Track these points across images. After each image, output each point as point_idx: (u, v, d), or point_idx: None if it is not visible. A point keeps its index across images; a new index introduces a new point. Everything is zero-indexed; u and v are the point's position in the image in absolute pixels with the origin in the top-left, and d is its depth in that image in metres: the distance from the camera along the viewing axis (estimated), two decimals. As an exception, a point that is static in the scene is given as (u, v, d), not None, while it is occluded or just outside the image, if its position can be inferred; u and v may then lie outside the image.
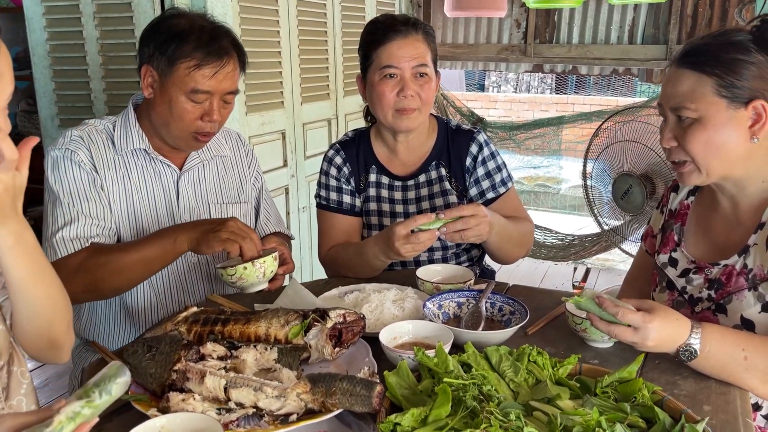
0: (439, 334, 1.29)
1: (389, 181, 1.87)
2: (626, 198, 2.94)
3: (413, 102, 1.72)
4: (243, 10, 2.75)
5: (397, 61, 1.70)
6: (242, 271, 1.47)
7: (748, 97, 1.26)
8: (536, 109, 8.75)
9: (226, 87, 1.62)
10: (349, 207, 1.89)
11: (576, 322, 1.34)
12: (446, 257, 1.88)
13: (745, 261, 1.33)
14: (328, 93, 3.52)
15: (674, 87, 1.31)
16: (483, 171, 1.84)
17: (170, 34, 1.58)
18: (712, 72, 1.26)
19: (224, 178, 1.83)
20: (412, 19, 1.76)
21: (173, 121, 1.61)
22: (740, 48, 1.26)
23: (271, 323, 1.27)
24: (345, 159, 1.88)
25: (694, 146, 1.29)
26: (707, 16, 4.55)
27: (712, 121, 1.27)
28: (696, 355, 1.19)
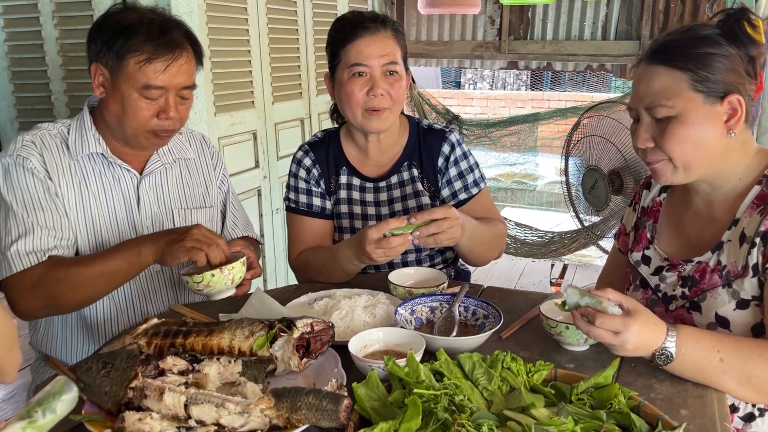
0: (410, 341, 1.25)
1: (360, 183, 1.82)
2: (593, 192, 2.92)
3: (383, 101, 1.67)
4: (210, 7, 2.68)
5: (365, 59, 1.65)
6: (209, 278, 1.41)
7: (723, 92, 1.23)
8: (512, 106, 8.75)
9: (181, 81, 1.55)
10: (319, 210, 1.83)
11: (551, 326, 1.31)
12: (420, 259, 1.84)
13: (719, 258, 1.31)
14: (300, 92, 3.46)
15: (647, 85, 1.28)
16: (455, 171, 1.80)
17: (117, 28, 1.51)
18: (686, 67, 1.24)
19: (188, 182, 1.76)
20: (380, 16, 1.71)
21: (127, 120, 1.54)
22: (710, 42, 1.24)
23: (235, 334, 1.22)
24: (314, 160, 1.83)
25: (673, 144, 1.26)
26: (679, 11, 4.57)
27: (690, 117, 1.24)
28: (672, 359, 1.16)
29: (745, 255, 1.26)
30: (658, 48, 1.29)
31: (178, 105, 1.57)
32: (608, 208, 2.86)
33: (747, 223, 1.27)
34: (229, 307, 1.52)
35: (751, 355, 1.15)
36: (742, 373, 1.14)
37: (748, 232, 1.26)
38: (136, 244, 1.45)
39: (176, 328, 1.26)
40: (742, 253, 1.26)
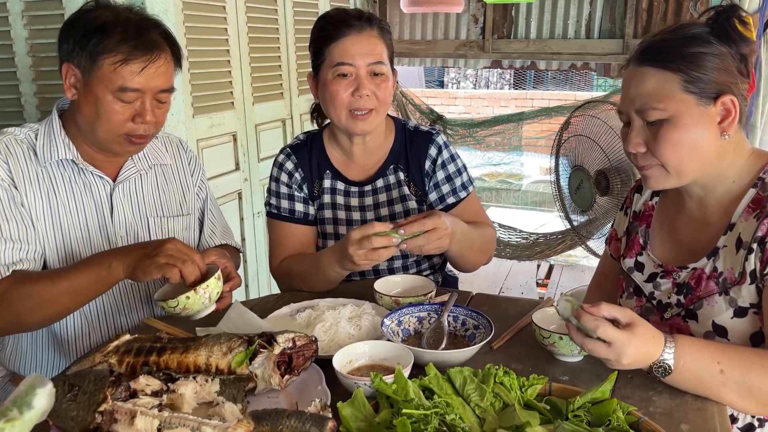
0: (398, 355, 1.19)
1: (345, 187, 1.76)
2: (578, 193, 2.88)
3: (369, 102, 1.62)
4: (186, 5, 2.60)
5: (351, 59, 1.59)
6: (185, 301, 1.31)
7: (715, 92, 1.19)
8: (496, 105, 8.73)
9: (159, 84, 1.48)
10: (302, 216, 1.76)
11: (544, 336, 1.26)
12: (407, 265, 1.78)
13: (715, 264, 1.26)
14: (281, 92, 3.39)
15: (638, 87, 1.23)
16: (443, 175, 1.75)
17: (90, 27, 1.43)
18: (677, 67, 1.19)
19: (164, 189, 1.68)
20: (366, 14, 1.65)
21: (100, 123, 1.46)
22: (701, 41, 1.20)
23: (212, 351, 1.15)
24: (297, 164, 1.76)
25: (666, 149, 1.21)
26: (662, 9, 4.56)
27: (683, 120, 1.19)
28: (670, 372, 1.11)
29: (742, 261, 1.21)
30: (648, 48, 1.24)
31: (155, 109, 1.49)
32: (594, 209, 2.82)
33: (743, 227, 1.23)
34: (207, 319, 1.44)
35: (753, 366, 1.10)
36: (743, 385, 1.09)
37: (744, 238, 1.22)
38: (105, 258, 1.36)
39: (150, 345, 1.19)
40: (739, 260, 1.22)
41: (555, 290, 4.17)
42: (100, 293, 1.39)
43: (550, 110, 4.26)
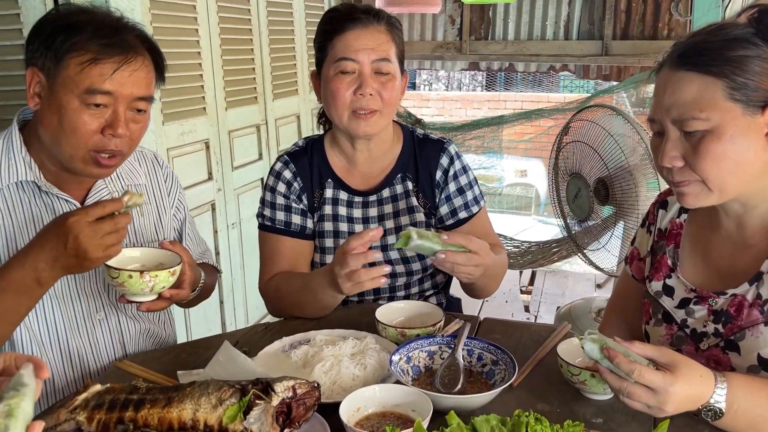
0: (413, 401, 1.05)
1: (348, 197, 1.62)
2: (576, 201, 2.78)
3: (373, 102, 1.48)
4: (154, 4, 2.42)
5: (354, 54, 1.47)
6: (126, 278, 1.20)
7: (763, 100, 1.07)
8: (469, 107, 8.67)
9: (134, 91, 1.28)
10: (298, 229, 1.60)
11: (573, 373, 1.12)
12: (410, 283, 1.64)
13: (759, 290, 1.14)
14: (255, 96, 3.21)
15: (675, 95, 1.10)
16: (455, 187, 1.62)
17: (59, 25, 1.25)
18: (721, 72, 1.06)
19: (138, 213, 1.49)
20: (374, 9, 1.53)
21: (65, 135, 1.26)
22: (746, 43, 1.07)
23: (199, 404, 0.99)
24: (296, 173, 1.61)
25: (709, 163, 1.08)
26: (640, 11, 4.51)
27: (728, 131, 1.07)
28: (721, 415, 0.99)
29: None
30: (687, 51, 1.11)
31: (130, 122, 1.30)
32: (592, 218, 2.72)
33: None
34: (189, 357, 1.28)
35: None
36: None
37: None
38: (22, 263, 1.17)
39: (125, 397, 1.02)
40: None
41: (539, 297, 4.08)
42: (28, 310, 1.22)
43: (530, 113, 4.16)
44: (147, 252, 1.34)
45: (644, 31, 4.49)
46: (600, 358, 1.02)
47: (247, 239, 3.22)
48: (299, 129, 3.72)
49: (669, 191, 1.36)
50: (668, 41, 4.42)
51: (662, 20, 4.46)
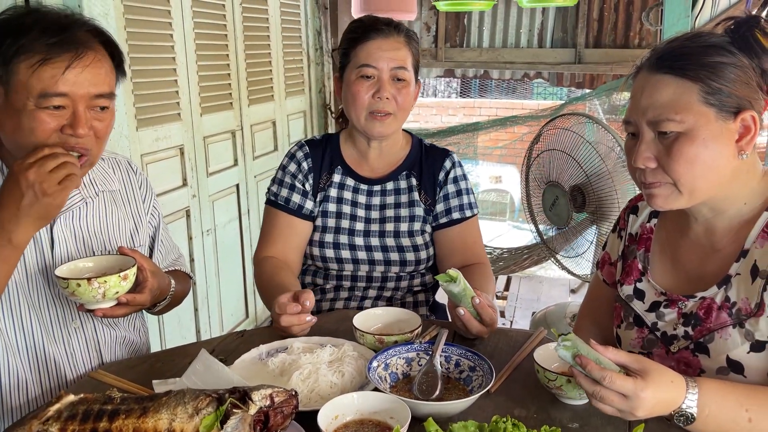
0: (390, 408, 1.05)
1: (354, 184, 1.75)
2: (553, 210, 2.81)
3: (388, 105, 1.63)
4: (128, 9, 2.40)
5: (375, 61, 1.62)
6: (75, 287, 1.19)
7: (735, 107, 1.10)
8: (444, 113, 8.70)
9: (91, 89, 1.23)
10: (296, 207, 1.72)
11: (549, 378, 1.13)
12: (401, 275, 1.75)
13: (727, 293, 1.17)
14: (230, 102, 3.20)
15: (652, 96, 1.12)
16: (453, 188, 1.75)
17: (5, 29, 1.21)
18: (697, 76, 1.09)
19: (112, 219, 1.47)
20: (395, 22, 1.68)
21: (24, 139, 1.21)
22: (722, 50, 1.11)
23: (175, 413, 0.98)
24: (308, 154, 1.76)
25: (681, 165, 1.10)
26: (613, 20, 4.59)
27: (701, 135, 1.09)
28: (693, 420, 1.01)
29: (759, 291, 1.12)
30: (665, 55, 1.14)
31: (93, 121, 1.26)
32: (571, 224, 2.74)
33: (759, 255, 1.14)
34: (164, 366, 1.26)
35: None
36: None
37: (761, 266, 1.13)
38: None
39: (99, 408, 1.01)
40: (756, 289, 1.13)
41: (515, 303, 4.10)
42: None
43: (505, 120, 4.20)
44: (102, 260, 1.34)
45: (616, 39, 4.56)
46: (573, 363, 1.04)
47: (223, 246, 3.19)
48: (275, 135, 3.70)
49: (640, 197, 1.39)
50: (639, 50, 4.51)
51: (633, 29, 4.54)
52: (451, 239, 1.73)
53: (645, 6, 4.32)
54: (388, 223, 1.72)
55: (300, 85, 3.99)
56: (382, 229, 1.72)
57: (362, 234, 1.71)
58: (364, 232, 1.71)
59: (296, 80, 3.92)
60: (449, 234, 1.73)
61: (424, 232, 1.73)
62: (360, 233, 1.71)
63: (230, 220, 3.30)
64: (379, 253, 1.71)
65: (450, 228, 1.73)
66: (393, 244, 1.71)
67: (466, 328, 1.34)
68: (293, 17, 3.85)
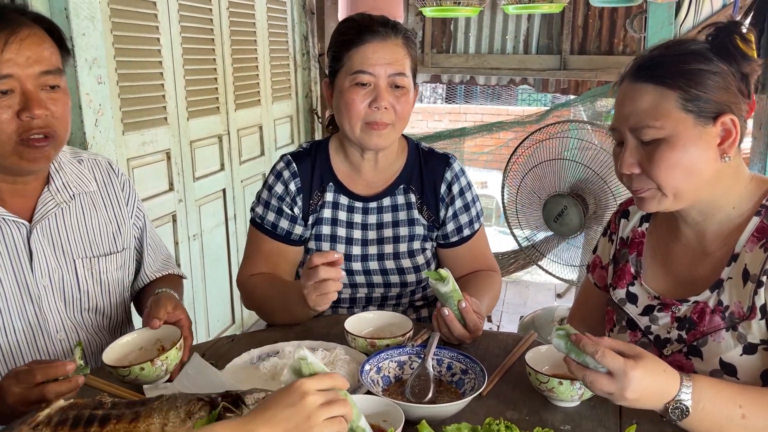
0: (384, 411, 1.05)
1: (348, 202, 1.61)
2: (560, 220, 2.79)
3: (387, 116, 1.48)
4: (115, 13, 2.38)
5: (371, 67, 1.46)
6: (138, 371, 1.15)
7: (715, 112, 1.12)
8: (430, 119, 8.75)
9: (35, 67, 1.19)
10: (283, 233, 1.60)
11: (541, 381, 1.14)
12: (402, 294, 1.66)
13: (719, 297, 1.18)
14: (217, 106, 3.19)
15: (633, 104, 1.15)
16: (461, 203, 1.62)
17: None
18: (675, 84, 1.12)
19: (92, 223, 1.44)
20: (392, 21, 1.51)
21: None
22: (701, 57, 1.13)
23: (167, 418, 0.97)
24: (296, 173, 1.60)
25: (662, 170, 1.13)
26: (597, 27, 4.64)
27: (680, 140, 1.11)
28: (687, 414, 1.01)
29: (751, 295, 1.14)
30: (644, 64, 1.16)
31: (47, 101, 1.21)
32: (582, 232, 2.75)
33: (750, 259, 1.15)
34: (154, 372, 1.25)
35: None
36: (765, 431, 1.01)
37: (752, 270, 1.14)
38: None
39: (90, 413, 0.99)
40: (747, 293, 1.14)
41: (502, 307, 4.11)
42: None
43: (491, 125, 4.22)
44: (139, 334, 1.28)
45: (601, 46, 4.61)
46: (567, 350, 1.04)
47: (209, 251, 3.18)
48: (262, 139, 3.69)
49: (630, 201, 1.40)
50: (624, 56, 4.56)
51: (618, 36, 4.59)
52: (462, 255, 1.65)
53: (629, 13, 4.37)
54: (387, 244, 1.61)
55: (287, 90, 3.99)
56: (380, 252, 1.61)
57: (359, 259, 1.61)
58: (361, 256, 1.61)
59: (283, 85, 3.92)
60: (459, 251, 1.65)
61: (425, 250, 1.63)
62: (357, 258, 1.61)
63: (217, 224, 3.28)
64: (378, 276, 1.62)
65: (461, 245, 1.64)
66: (393, 266, 1.61)
67: (449, 330, 1.31)
68: (280, 22, 3.85)
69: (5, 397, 1.08)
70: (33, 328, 1.32)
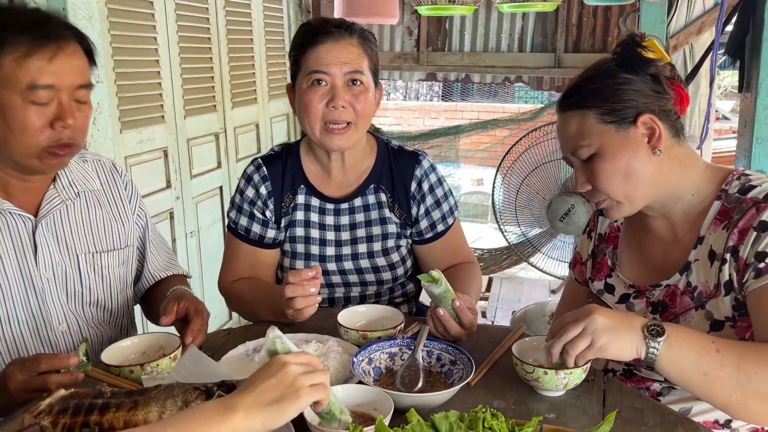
0: (374, 400, 1.08)
1: (320, 204, 1.64)
2: (567, 219, 2.83)
3: (345, 114, 1.50)
4: (112, 13, 2.41)
5: (325, 66, 1.49)
6: (128, 373, 1.21)
7: (632, 116, 1.22)
8: (426, 116, 8.78)
9: (75, 79, 1.27)
10: (256, 238, 1.64)
11: (527, 371, 1.18)
12: (380, 292, 1.68)
13: (688, 279, 1.27)
14: (214, 105, 3.22)
15: (565, 132, 1.29)
16: (432, 200, 1.65)
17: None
18: (590, 104, 1.24)
19: (96, 220, 1.48)
20: (346, 23, 1.54)
21: (14, 135, 1.24)
22: (605, 74, 1.25)
23: (165, 406, 1.00)
24: (266, 177, 1.63)
25: (603, 181, 1.25)
26: (591, 25, 4.67)
27: (609, 150, 1.23)
28: (664, 333, 1.09)
29: (716, 273, 1.21)
30: (564, 95, 1.32)
31: (76, 111, 1.28)
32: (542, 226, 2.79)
33: (713, 239, 1.23)
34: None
35: (747, 349, 1.10)
36: (739, 369, 1.08)
37: (716, 249, 1.22)
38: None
39: (90, 402, 1.03)
40: (713, 272, 1.22)
41: (496, 303, 4.16)
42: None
43: (486, 123, 4.26)
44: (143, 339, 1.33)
45: (594, 44, 4.65)
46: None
47: (206, 247, 3.21)
48: (258, 137, 3.73)
49: None
50: (617, 55, 4.59)
51: (611, 34, 4.63)
52: (439, 250, 1.68)
53: (623, 12, 4.41)
54: (360, 244, 1.64)
55: (283, 88, 4.02)
56: (354, 252, 1.64)
57: (334, 260, 1.63)
58: (335, 257, 1.63)
59: (279, 83, 3.95)
60: (435, 246, 1.68)
61: (399, 247, 1.66)
62: (332, 259, 1.63)
63: (213, 221, 3.31)
64: (354, 275, 1.65)
65: (436, 241, 1.67)
66: (368, 265, 1.64)
67: (445, 329, 1.34)
68: (276, 21, 3.88)
69: (7, 384, 1.12)
70: (36, 319, 1.36)
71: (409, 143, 4.48)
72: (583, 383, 1.21)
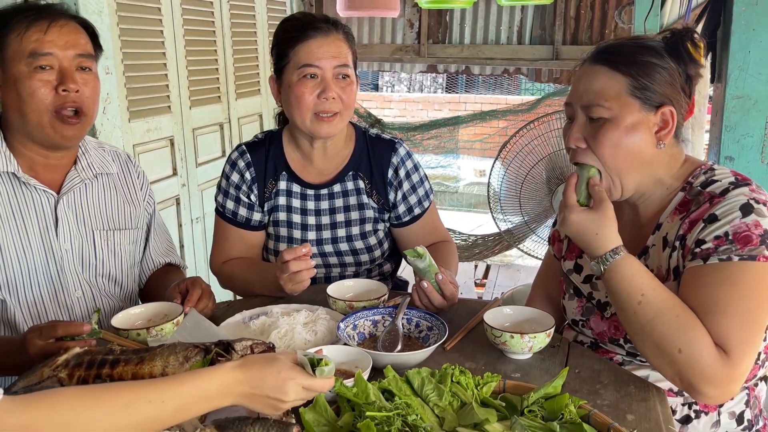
0: (356, 359, 1.20)
1: (301, 190, 1.74)
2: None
3: (335, 105, 1.60)
4: (120, 7, 2.53)
5: (317, 60, 1.58)
6: (135, 336, 1.34)
7: (658, 102, 1.25)
8: (430, 108, 8.87)
9: (72, 47, 1.42)
10: (243, 220, 1.75)
11: (495, 335, 1.30)
12: (358, 273, 1.79)
13: (646, 262, 1.33)
14: (219, 95, 3.34)
15: (588, 84, 1.29)
16: (408, 185, 1.75)
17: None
18: (628, 71, 1.25)
19: (111, 201, 1.63)
20: (331, 18, 1.65)
21: (26, 104, 1.39)
22: (654, 52, 1.27)
23: (168, 361, 1.13)
24: (249, 163, 1.73)
25: (606, 147, 1.26)
26: (588, 18, 4.75)
27: (624, 122, 1.25)
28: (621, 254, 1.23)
29: (667, 259, 1.29)
30: (604, 50, 1.30)
31: (79, 79, 1.43)
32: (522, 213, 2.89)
33: (669, 227, 1.30)
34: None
35: (666, 312, 1.18)
36: (649, 323, 1.19)
37: (669, 237, 1.29)
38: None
39: (101, 357, 1.15)
40: (665, 258, 1.29)
41: (493, 290, 4.27)
42: None
43: (484, 114, 4.36)
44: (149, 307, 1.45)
45: (592, 36, 4.72)
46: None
47: (211, 233, 3.32)
48: (261, 127, 3.84)
49: None
50: (614, 47, 4.66)
51: (609, 27, 4.70)
52: (416, 232, 1.77)
53: (620, 4, 4.49)
54: (339, 228, 1.73)
55: (286, 80, 4.13)
56: (334, 236, 1.73)
57: (315, 243, 1.73)
58: (316, 240, 1.73)
59: (283, 75, 4.06)
60: (413, 228, 1.77)
61: (377, 231, 1.75)
62: (313, 242, 1.72)
63: (219, 208, 3.43)
64: (334, 257, 1.75)
65: (414, 223, 1.77)
66: (347, 248, 1.74)
67: (429, 301, 1.44)
68: (279, 14, 3.98)
69: (27, 348, 1.25)
70: (54, 284, 1.50)
71: (410, 133, 4.60)
72: (549, 348, 1.33)
